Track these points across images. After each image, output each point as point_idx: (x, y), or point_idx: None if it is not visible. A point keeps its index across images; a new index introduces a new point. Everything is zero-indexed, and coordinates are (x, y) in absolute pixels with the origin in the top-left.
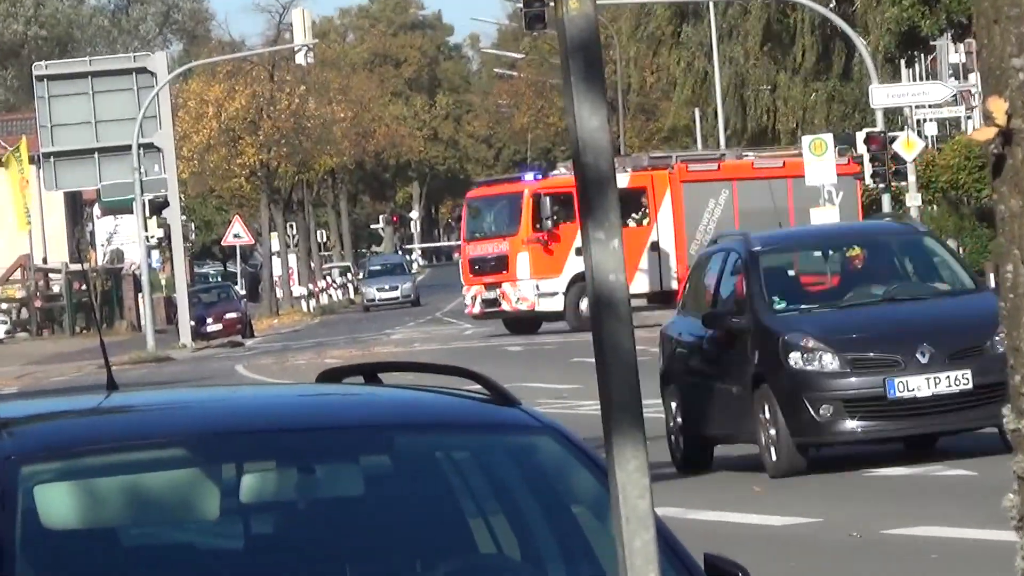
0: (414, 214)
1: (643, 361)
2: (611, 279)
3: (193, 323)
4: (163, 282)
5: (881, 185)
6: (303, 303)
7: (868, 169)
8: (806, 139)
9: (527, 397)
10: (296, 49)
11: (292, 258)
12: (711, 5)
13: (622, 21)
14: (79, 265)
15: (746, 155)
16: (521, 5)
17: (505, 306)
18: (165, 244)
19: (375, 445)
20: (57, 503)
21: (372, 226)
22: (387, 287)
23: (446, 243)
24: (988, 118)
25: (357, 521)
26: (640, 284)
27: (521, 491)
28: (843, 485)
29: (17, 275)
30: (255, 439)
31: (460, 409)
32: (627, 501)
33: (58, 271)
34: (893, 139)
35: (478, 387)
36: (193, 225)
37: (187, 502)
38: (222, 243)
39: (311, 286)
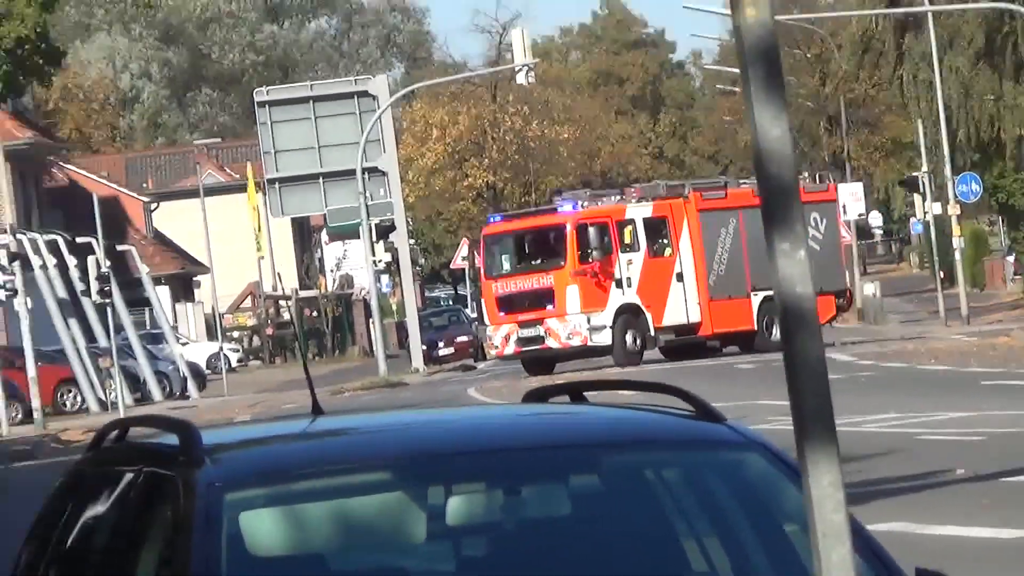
0: None
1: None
2: (798, 291)
3: (425, 347)
4: (394, 307)
5: None
6: None
7: None
8: None
9: (757, 415)
10: (516, 69)
11: None
12: (929, 15)
13: (843, 36)
14: (309, 292)
15: (744, 183)
16: None
17: (552, 343)
18: (394, 268)
19: (581, 464)
20: (263, 529)
21: None
22: None
23: None
24: None
25: (566, 541)
26: (672, 316)
27: (730, 509)
28: None
29: (247, 303)
30: (459, 460)
31: (665, 426)
32: (822, 515)
33: (288, 298)
34: None
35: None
36: (421, 248)
37: (392, 525)
38: (450, 266)
39: None
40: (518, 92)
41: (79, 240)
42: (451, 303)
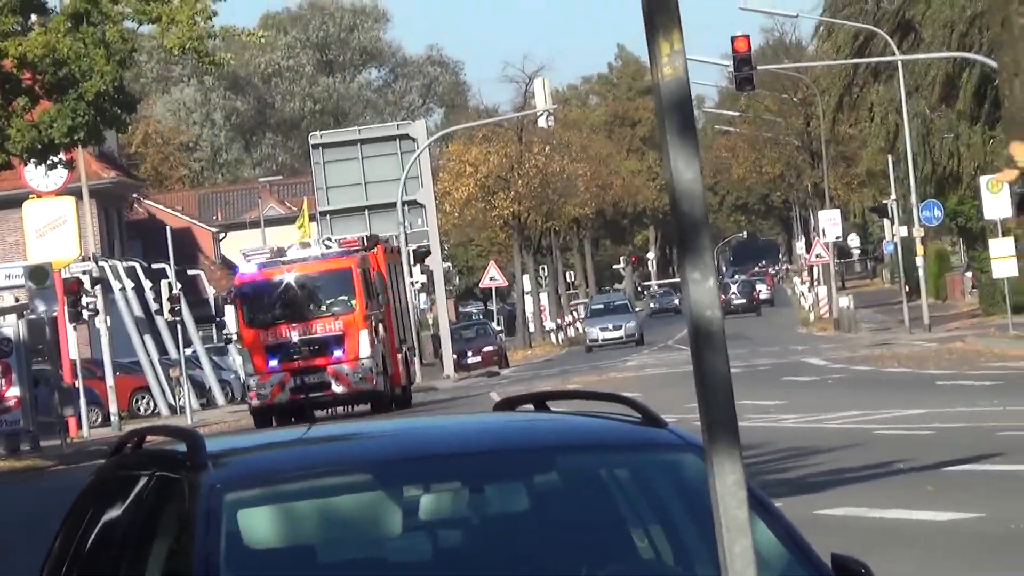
0: (650, 255)
1: None
2: (707, 314)
3: (455, 356)
4: (430, 321)
5: None
6: (553, 336)
7: None
8: (984, 179)
9: (740, 414)
10: (538, 114)
11: (544, 296)
12: (899, 64)
13: (826, 81)
14: None
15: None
16: (732, 70)
17: (339, 388)
18: (429, 288)
19: (540, 465)
20: (258, 525)
21: (614, 266)
22: (610, 327)
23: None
24: (1011, 162)
25: (526, 534)
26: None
27: (672, 503)
28: (1008, 481)
29: None
30: (431, 463)
31: (614, 431)
32: (726, 511)
33: None
34: None
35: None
36: (456, 270)
37: (372, 521)
38: (480, 285)
39: (559, 320)
40: (541, 134)
41: (155, 266)
42: (481, 317)
